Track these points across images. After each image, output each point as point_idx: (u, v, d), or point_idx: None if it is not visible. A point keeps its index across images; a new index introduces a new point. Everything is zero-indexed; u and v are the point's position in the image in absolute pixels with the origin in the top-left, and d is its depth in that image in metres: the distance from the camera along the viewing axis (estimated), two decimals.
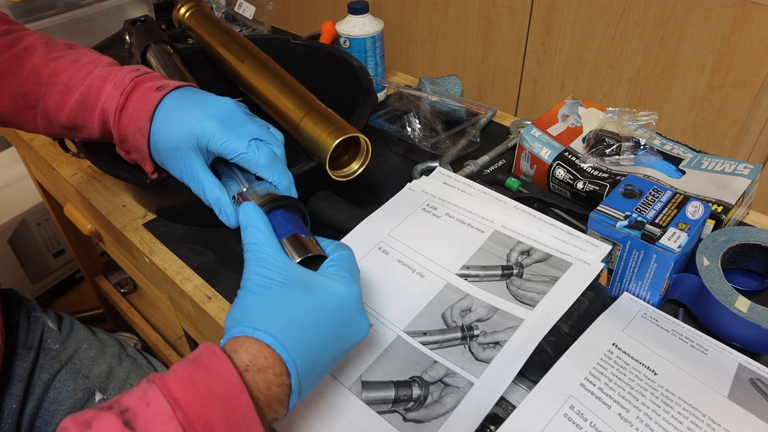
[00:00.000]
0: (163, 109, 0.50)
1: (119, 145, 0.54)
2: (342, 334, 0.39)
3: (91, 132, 0.54)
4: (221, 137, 0.48)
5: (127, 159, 0.55)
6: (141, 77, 0.52)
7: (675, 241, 0.50)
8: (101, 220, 0.75)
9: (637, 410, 0.42)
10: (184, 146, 0.48)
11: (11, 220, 1.40)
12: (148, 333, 1.32)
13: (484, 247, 0.56)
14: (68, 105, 0.53)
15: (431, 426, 0.43)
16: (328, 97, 0.65)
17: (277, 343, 0.35)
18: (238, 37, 0.75)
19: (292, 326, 0.37)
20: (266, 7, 1.04)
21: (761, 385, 0.44)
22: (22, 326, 0.70)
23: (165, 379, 0.32)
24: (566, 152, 0.67)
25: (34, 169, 1.14)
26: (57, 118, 0.54)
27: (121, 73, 0.53)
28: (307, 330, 0.37)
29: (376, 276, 0.54)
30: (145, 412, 0.30)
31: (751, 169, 0.61)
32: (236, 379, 0.33)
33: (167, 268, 0.63)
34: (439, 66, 1.16)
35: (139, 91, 0.51)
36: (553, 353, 0.47)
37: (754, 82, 0.77)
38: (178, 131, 0.49)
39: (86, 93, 0.52)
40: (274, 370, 0.35)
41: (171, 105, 0.50)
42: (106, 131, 0.54)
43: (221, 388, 0.32)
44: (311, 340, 0.37)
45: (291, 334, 0.36)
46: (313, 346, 0.37)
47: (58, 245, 1.58)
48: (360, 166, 0.58)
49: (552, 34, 0.94)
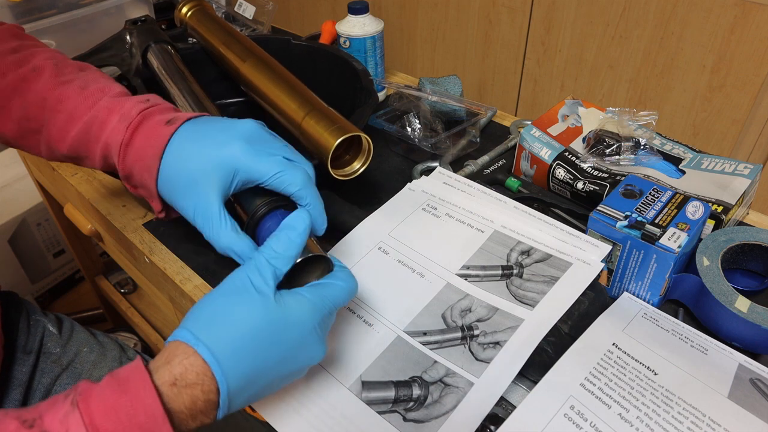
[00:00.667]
0: (175, 143, 0.45)
1: (125, 181, 0.49)
2: (290, 357, 0.38)
3: (93, 164, 0.51)
4: (251, 160, 0.44)
5: (134, 193, 0.51)
6: (150, 110, 0.48)
7: (675, 241, 0.50)
8: (101, 220, 0.75)
9: (637, 410, 0.42)
10: (203, 180, 0.43)
11: (11, 220, 1.40)
12: (148, 333, 1.32)
13: (484, 247, 0.56)
14: (70, 135, 0.49)
15: (431, 426, 0.43)
16: (328, 97, 0.65)
17: (214, 360, 0.35)
18: (240, 37, 0.75)
19: (235, 343, 0.36)
20: (266, 7, 1.04)
21: (761, 385, 0.44)
22: (21, 330, 0.69)
23: (90, 402, 0.32)
24: (566, 152, 0.67)
25: (34, 169, 1.14)
26: (59, 147, 0.51)
27: (128, 105, 0.48)
28: (251, 350, 0.37)
29: (376, 276, 0.54)
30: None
31: (751, 169, 0.61)
32: (159, 411, 0.33)
33: (167, 268, 0.63)
34: (439, 66, 1.16)
35: (148, 125, 0.47)
36: (553, 353, 0.47)
37: (754, 82, 0.77)
38: (197, 164, 0.44)
39: (90, 124, 0.48)
40: (203, 387, 0.35)
41: (185, 137, 0.45)
42: (108, 165, 0.50)
43: (143, 420, 0.32)
44: (253, 361, 0.37)
45: (232, 352, 0.36)
46: (254, 367, 0.37)
47: (58, 245, 1.58)
48: (361, 166, 0.58)
49: (552, 34, 0.94)
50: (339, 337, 0.49)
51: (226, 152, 0.44)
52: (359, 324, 0.50)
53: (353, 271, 0.55)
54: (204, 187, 0.43)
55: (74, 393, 0.33)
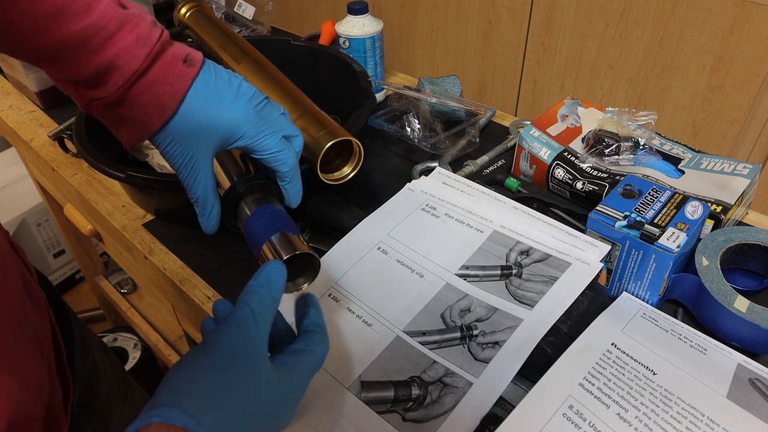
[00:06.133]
0: (197, 91, 0.42)
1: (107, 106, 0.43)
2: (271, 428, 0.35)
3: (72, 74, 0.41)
4: (257, 133, 0.44)
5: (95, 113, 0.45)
6: (163, 37, 0.42)
7: (674, 241, 0.50)
8: (101, 221, 0.75)
9: (636, 410, 0.42)
10: (205, 135, 0.42)
11: (11, 220, 1.40)
12: (148, 333, 1.32)
13: (483, 247, 0.56)
14: (53, 34, 0.39)
15: (430, 426, 0.43)
16: (327, 98, 0.65)
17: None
18: (237, 38, 0.75)
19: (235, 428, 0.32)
20: (266, 8, 1.04)
21: (760, 385, 0.44)
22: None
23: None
24: (565, 152, 0.67)
25: (34, 170, 1.14)
26: (26, 41, 0.39)
27: (142, 25, 0.42)
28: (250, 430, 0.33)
29: (376, 276, 0.54)
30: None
31: (750, 169, 0.61)
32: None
33: (167, 268, 0.63)
34: (439, 66, 1.16)
35: (166, 58, 0.42)
36: (552, 353, 0.47)
37: (754, 82, 0.77)
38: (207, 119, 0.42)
39: (89, 32, 0.39)
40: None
41: (204, 88, 0.43)
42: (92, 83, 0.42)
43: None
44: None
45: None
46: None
47: (58, 245, 1.59)
48: (352, 171, 0.58)
49: (552, 34, 0.94)
50: (338, 337, 0.49)
51: (236, 117, 0.43)
52: (358, 324, 0.50)
53: (353, 271, 0.55)
54: (203, 142, 0.43)
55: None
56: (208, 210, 0.45)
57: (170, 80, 0.42)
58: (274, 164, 0.45)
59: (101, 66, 0.41)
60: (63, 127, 0.85)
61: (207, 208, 0.45)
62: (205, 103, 0.43)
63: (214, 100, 0.43)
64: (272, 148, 0.44)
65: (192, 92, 0.42)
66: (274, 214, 0.44)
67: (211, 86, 0.43)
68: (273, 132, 0.45)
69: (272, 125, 0.45)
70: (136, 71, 0.41)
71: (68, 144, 0.83)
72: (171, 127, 0.43)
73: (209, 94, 0.43)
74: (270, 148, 0.44)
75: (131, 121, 0.43)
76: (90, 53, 0.40)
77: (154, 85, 0.42)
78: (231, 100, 0.43)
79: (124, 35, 0.41)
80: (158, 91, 0.41)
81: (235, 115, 0.43)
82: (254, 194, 0.46)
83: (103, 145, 0.64)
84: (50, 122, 0.92)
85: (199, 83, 0.43)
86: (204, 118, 0.42)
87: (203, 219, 0.45)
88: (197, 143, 0.43)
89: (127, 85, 0.41)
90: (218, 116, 0.43)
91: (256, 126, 0.44)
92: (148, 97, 0.42)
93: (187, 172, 0.44)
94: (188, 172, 0.44)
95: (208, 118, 0.42)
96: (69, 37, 0.39)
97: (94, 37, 0.40)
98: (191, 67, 0.43)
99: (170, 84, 0.42)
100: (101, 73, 0.41)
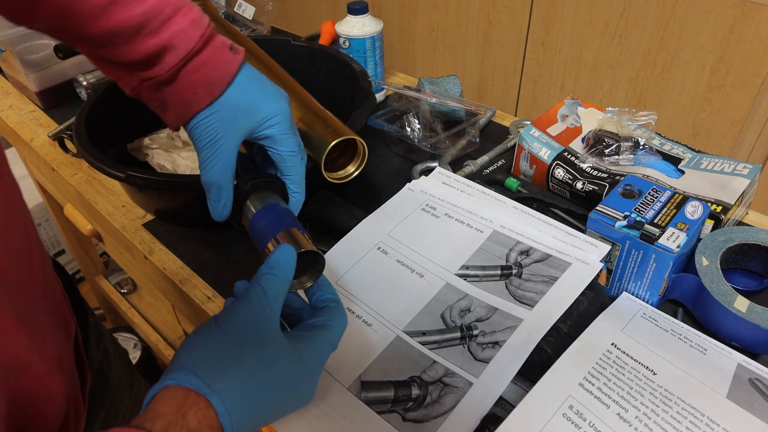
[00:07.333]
0: (243, 76, 0.45)
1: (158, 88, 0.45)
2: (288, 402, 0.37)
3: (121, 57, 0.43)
4: (286, 131, 0.46)
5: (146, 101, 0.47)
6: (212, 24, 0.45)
7: (674, 241, 0.50)
8: (101, 221, 0.75)
9: (636, 410, 0.42)
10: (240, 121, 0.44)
11: None
12: (148, 333, 1.32)
13: (483, 247, 0.56)
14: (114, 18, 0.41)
15: (430, 426, 0.43)
16: (327, 98, 0.64)
17: (225, 414, 0.32)
18: (242, 38, 0.75)
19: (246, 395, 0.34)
20: (266, 8, 1.04)
21: (760, 385, 0.44)
22: None
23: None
24: (565, 152, 0.67)
25: (34, 170, 1.14)
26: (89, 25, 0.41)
27: (195, 10, 0.44)
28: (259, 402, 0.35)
29: (376, 276, 0.54)
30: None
31: (750, 169, 0.61)
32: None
33: (167, 268, 0.63)
34: (439, 66, 1.16)
35: (216, 42, 0.45)
36: (552, 353, 0.47)
37: (754, 82, 0.77)
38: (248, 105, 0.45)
39: (148, 17, 0.42)
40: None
41: (248, 75, 0.46)
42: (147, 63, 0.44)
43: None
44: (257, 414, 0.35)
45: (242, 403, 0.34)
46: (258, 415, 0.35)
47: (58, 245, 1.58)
48: (356, 169, 0.58)
49: (552, 34, 0.94)
50: None
51: (278, 107, 0.46)
52: (358, 324, 0.50)
53: (353, 271, 0.55)
54: (240, 124, 0.45)
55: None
56: (223, 196, 0.45)
57: (220, 63, 0.44)
58: (286, 166, 0.47)
59: (158, 47, 0.43)
60: (63, 127, 0.85)
61: (222, 193, 0.45)
62: (251, 88, 0.46)
63: (260, 87, 0.46)
64: (293, 147, 0.47)
65: (240, 76, 0.45)
66: (280, 212, 0.45)
67: (255, 75, 0.47)
68: (294, 134, 0.47)
69: (295, 129, 0.48)
70: (191, 51, 0.43)
71: (68, 144, 0.83)
72: (215, 106, 0.45)
73: (255, 81, 0.46)
74: (292, 147, 0.47)
75: (179, 101, 0.45)
76: (148, 35, 0.43)
77: (206, 66, 0.44)
78: (273, 91, 0.47)
79: (179, 18, 0.43)
80: (209, 71, 0.44)
81: (278, 105, 0.46)
82: (260, 192, 0.46)
83: (103, 145, 0.64)
84: (50, 122, 0.92)
85: (245, 70, 0.46)
86: (248, 100, 0.45)
87: (217, 205, 0.46)
88: (233, 124, 0.45)
89: (180, 64, 0.43)
90: (262, 101, 0.46)
91: (288, 122, 0.47)
92: (199, 77, 0.44)
93: (211, 151, 0.45)
94: (213, 151, 0.45)
95: (252, 101, 0.45)
96: (128, 21, 0.42)
97: (152, 20, 0.42)
98: (237, 54, 0.46)
99: (220, 66, 0.44)
100: (157, 54, 0.43)
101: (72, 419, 0.43)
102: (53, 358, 0.40)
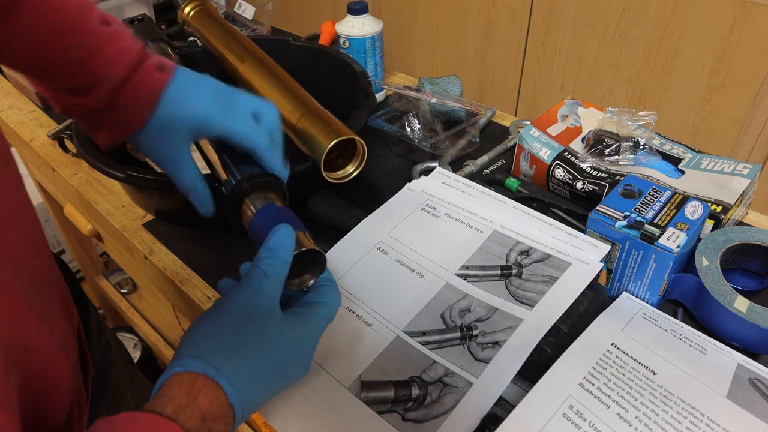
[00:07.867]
0: (170, 92, 0.47)
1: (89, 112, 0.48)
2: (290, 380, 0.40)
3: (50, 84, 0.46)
4: (224, 119, 0.47)
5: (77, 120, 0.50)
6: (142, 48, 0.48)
7: (674, 241, 0.50)
8: (101, 221, 0.75)
9: (636, 410, 0.42)
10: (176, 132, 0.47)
11: None
12: (148, 333, 1.32)
13: (483, 247, 0.56)
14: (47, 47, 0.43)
15: (430, 426, 0.43)
16: (327, 98, 0.64)
17: (235, 394, 0.35)
18: (240, 37, 0.75)
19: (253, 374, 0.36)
20: (266, 8, 1.04)
21: (760, 385, 0.44)
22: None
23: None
24: (565, 152, 0.67)
25: (34, 170, 1.14)
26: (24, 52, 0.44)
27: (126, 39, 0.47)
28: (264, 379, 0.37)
29: (376, 276, 0.54)
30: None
31: (750, 169, 0.61)
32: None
33: (167, 268, 0.63)
34: (439, 66, 1.16)
35: (144, 67, 0.47)
36: (552, 353, 0.47)
37: (754, 82, 0.77)
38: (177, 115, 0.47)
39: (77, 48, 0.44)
40: (226, 419, 0.35)
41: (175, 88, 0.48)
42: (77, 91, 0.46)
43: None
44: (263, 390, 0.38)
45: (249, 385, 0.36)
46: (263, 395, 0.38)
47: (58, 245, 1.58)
48: (355, 169, 0.58)
49: (552, 34, 0.94)
50: (338, 338, 0.49)
51: (205, 110, 0.47)
52: (358, 324, 0.50)
53: (353, 271, 0.55)
54: (177, 136, 0.47)
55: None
56: (200, 195, 0.48)
57: (148, 85, 0.46)
58: (248, 146, 0.48)
59: (88, 78, 0.45)
60: (63, 126, 0.85)
61: (198, 193, 0.48)
62: (179, 102, 0.47)
63: (186, 98, 0.47)
64: (242, 131, 0.47)
65: (167, 93, 0.47)
66: (279, 212, 0.45)
67: (181, 87, 0.48)
68: (241, 114, 0.48)
69: (238, 107, 0.48)
70: (120, 81, 0.46)
71: (68, 144, 0.83)
72: (149, 127, 0.47)
73: (181, 94, 0.48)
74: (239, 132, 0.47)
75: (111, 124, 0.48)
76: (76, 67, 0.45)
77: (135, 91, 0.46)
78: (200, 95, 0.48)
79: (109, 49, 0.45)
80: (138, 95, 0.46)
81: (205, 108, 0.47)
82: (258, 192, 0.47)
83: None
84: (50, 122, 0.92)
85: (172, 86, 0.47)
86: (178, 115, 0.47)
87: (198, 204, 0.49)
88: (172, 139, 0.47)
89: (110, 93, 0.46)
90: (190, 111, 0.47)
91: (223, 114, 0.47)
92: (129, 102, 0.46)
93: (170, 165, 0.48)
94: (171, 166, 0.48)
95: (181, 114, 0.47)
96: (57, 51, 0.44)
97: (80, 52, 0.44)
98: (164, 72, 0.48)
99: (148, 88, 0.46)
100: (88, 84, 0.46)
101: (76, 412, 0.43)
102: (60, 344, 0.41)
